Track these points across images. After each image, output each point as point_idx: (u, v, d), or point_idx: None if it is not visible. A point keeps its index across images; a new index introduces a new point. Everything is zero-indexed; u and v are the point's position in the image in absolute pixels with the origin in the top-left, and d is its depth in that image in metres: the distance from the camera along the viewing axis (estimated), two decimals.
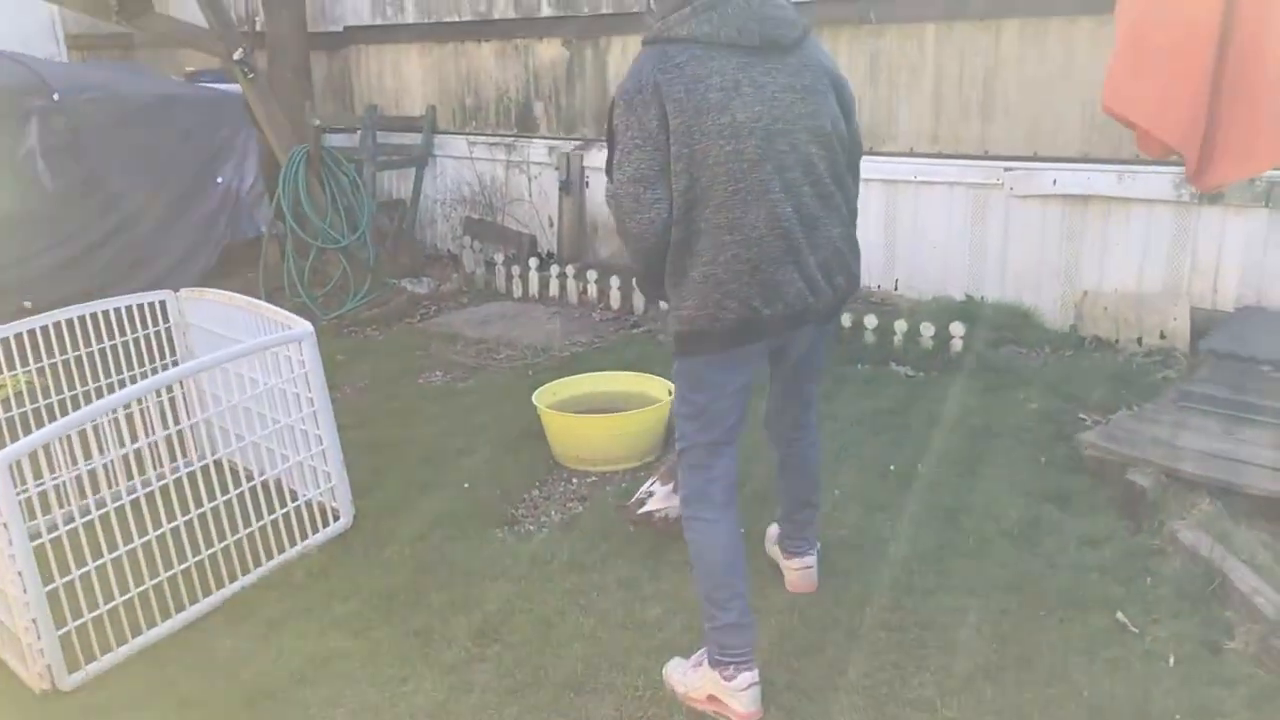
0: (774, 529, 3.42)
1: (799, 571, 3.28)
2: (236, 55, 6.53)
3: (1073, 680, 2.77)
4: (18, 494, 2.94)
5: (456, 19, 8.06)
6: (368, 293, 6.87)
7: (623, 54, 7.23)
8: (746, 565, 2.81)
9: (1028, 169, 5.66)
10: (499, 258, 7.30)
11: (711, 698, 2.78)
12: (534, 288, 7.06)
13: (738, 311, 2.60)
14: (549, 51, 7.67)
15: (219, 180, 7.50)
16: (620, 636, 3.10)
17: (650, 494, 3.64)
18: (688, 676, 2.87)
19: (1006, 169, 5.72)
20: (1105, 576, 3.23)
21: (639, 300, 6.46)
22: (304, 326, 3.68)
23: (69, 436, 3.23)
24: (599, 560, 3.52)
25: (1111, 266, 5.52)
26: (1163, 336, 5.30)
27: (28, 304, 6.22)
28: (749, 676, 2.74)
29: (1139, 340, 5.36)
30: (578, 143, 7.63)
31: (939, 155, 5.96)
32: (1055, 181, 5.55)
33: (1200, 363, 4.48)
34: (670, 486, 3.55)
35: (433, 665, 3.03)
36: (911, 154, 6.04)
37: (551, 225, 7.86)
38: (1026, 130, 5.66)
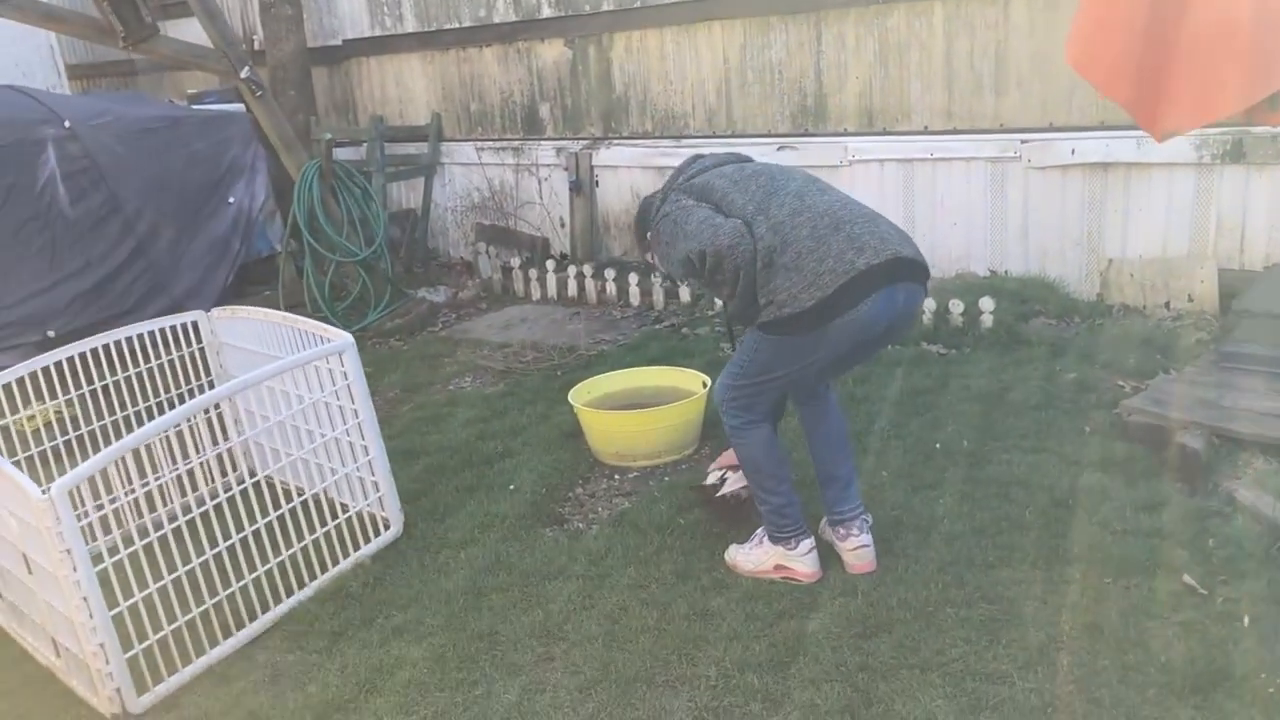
0: (824, 521, 3.43)
1: (854, 551, 3.29)
2: (244, 73, 6.51)
3: (1148, 646, 2.76)
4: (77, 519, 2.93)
5: (457, 25, 8.06)
6: (388, 304, 6.86)
7: (626, 50, 7.23)
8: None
9: (1045, 140, 5.65)
10: (515, 261, 7.30)
11: (779, 566, 3.29)
12: (552, 289, 7.05)
13: (835, 270, 2.89)
14: (551, 52, 7.66)
15: (230, 200, 7.50)
16: (686, 628, 3.10)
17: (724, 478, 3.68)
18: (752, 555, 3.35)
19: (1023, 141, 5.72)
20: (1166, 541, 3.22)
21: (659, 296, 6.46)
22: (344, 337, 3.67)
23: (119, 461, 3.22)
24: (654, 554, 3.52)
25: (1135, 233, 5.51)
26: (1190, 300, 5.29)
27: (51, 334, 6.25)
28: (809, 542, 3.27)
29: (1167, 305, 5.35)
30: (585, 142, 7.63)
31: (954, 131, 5.96)
32: (1074, 151, 5.55)
33: (1236, 323, 4.46)
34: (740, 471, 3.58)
35: (501, 667, 3.03)
36: (926, 132, 6.03)
37: (563, 226, 7.86)
38: (1041, 101, 5.66)
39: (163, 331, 4.30)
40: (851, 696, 2.72)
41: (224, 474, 4.07)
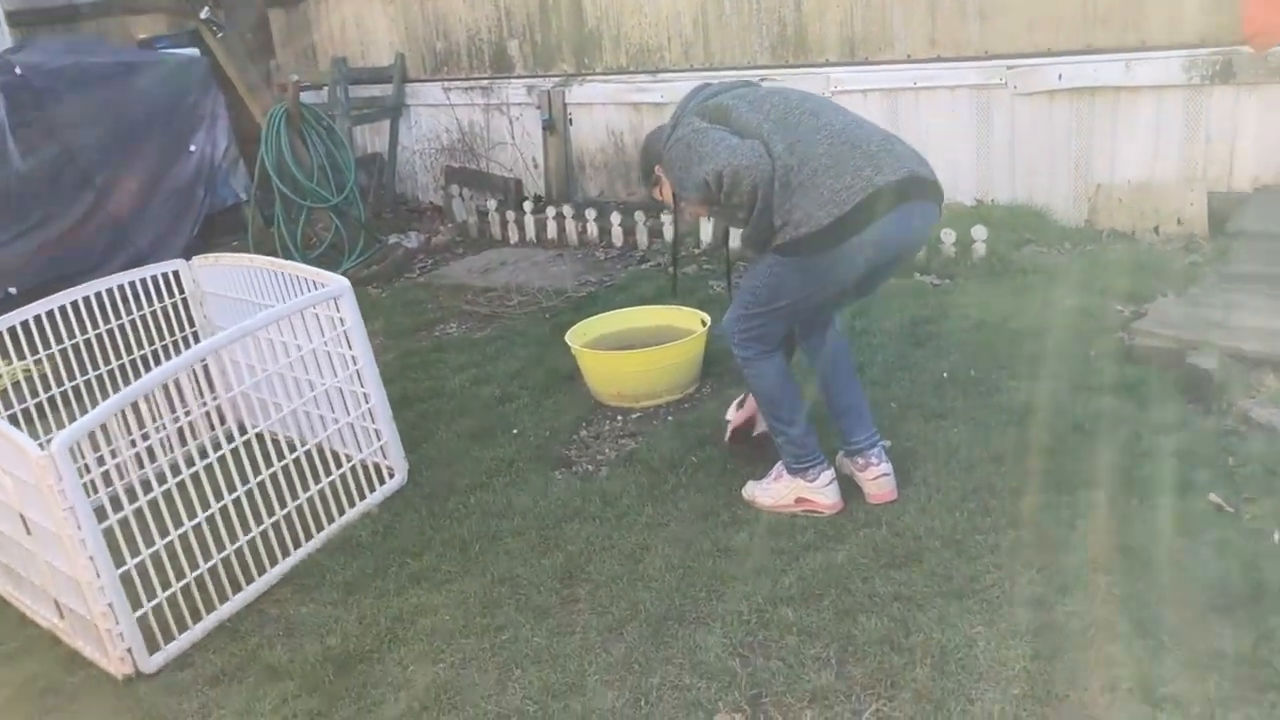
0: (839, 454, 3.38)
1: (875, 481, 3.25)
2: (203, 13, 6.28)
3: (1183, 566, 2.75)
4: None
5: None
6: (362, 251, 6.70)
7: None
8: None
9: (1031, 66, 5.59)
10: (491, 204, 7.15)
11: (800, 499, 3.24)
12: (531, 232, 6.92)
13: (852, 187, 2.83)
14: None
15: (192, 148, 7.27)
16: (711, 565, 3.05)
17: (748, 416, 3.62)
18: (771, 489, 3.30)
19: (1009, 67, 5.65)
20: (1186, 461, 3.21)
21: (643, 236, 6.35)
22: (340, 281, 3.55)
23: (117, 415, 3.09)
24: (670, 492, 3.46)
25: (1123, 157, 5.48)
26: (1180, 223, 5.28)
27: (12, 290, 6.04)
28: (829, 474, 3.24)
29: (1156, 229, 5.35)
30: (558, 79, 7.46)
31: (938, 60, 5.87)
32: (1060, 76, 5.49)
33: (1233, 244, 4.45)
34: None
35: (526, 611, 2.96)
36: (910, 60, 5.94)
37: (536, 167, 7.71)
38: (1027, 26, 5.58)
39: (142, 283, 4.14)
40: (889, 627, 2.69)
41: (212, 428, 3.95)
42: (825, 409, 3.36)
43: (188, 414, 3.87)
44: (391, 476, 3.74)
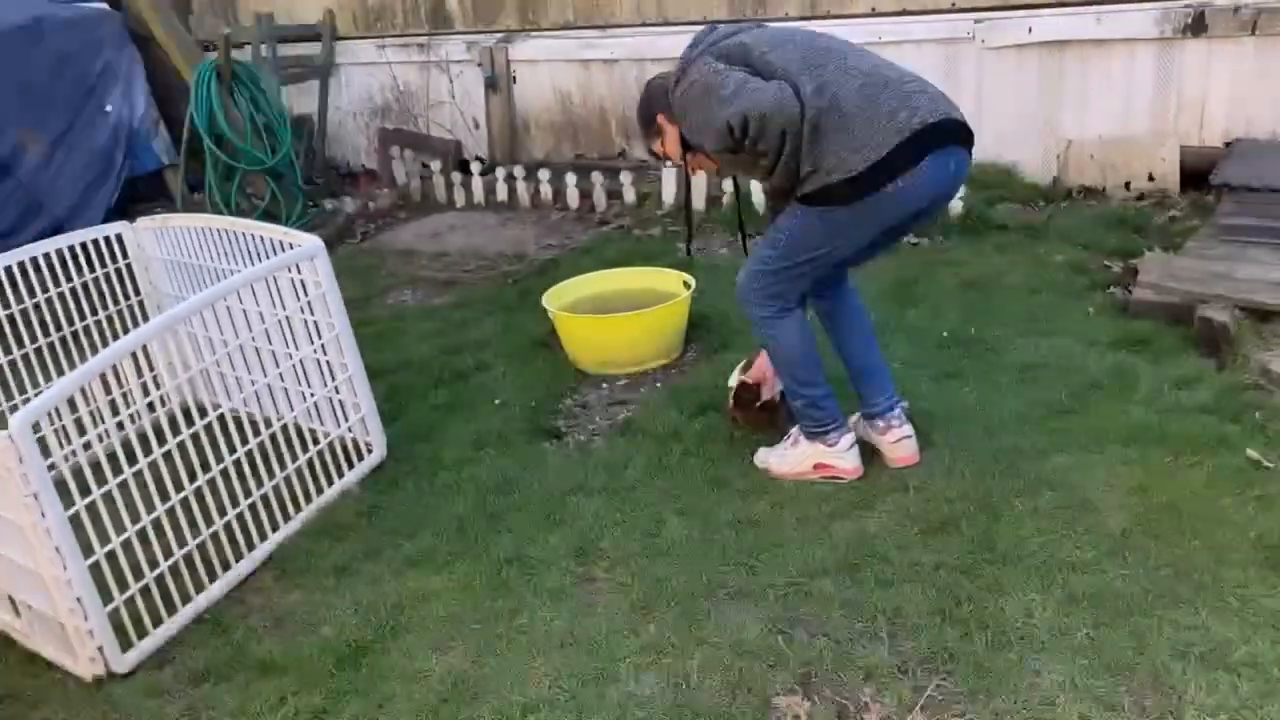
0: (854, 418, 3.21)
1: (897, 444, 3.10)
2: None
3: (1233, 523, 2.65)
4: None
5: None
6: (300, 216, 6.34)
7: None
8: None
9: (1000, 19, 5.48)
10: (436, 166, 6.83)
11: (819, 465, 3.09)
12: (479, 194, 6.63)
13: (888, 129, 2.64)
14: None
15: (108, 109, 6.78)
16: (735, 537, 2.86)
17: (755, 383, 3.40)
18: (789, 455, 3.14)
19: (977, 21, 5.53)
20: (1213, 416, 3.12)
21: (600, 197, 6.11)
22: (313, 240, 3.26)
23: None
24: (678, 462, 3.27)
25: (1094, 113, 5.41)
26: (1152, 179, 5.24)
27: None
28: (849, 438, 3.08)
29: (1127, 185, 5.30)
30: (500, 35, 7.14)
31: (904, 13, 5.73)
32: (1030, 29, 5.39)
33: (1221, 197, 4.39)
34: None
35: (541, 592, 2.74)
36: (874, 14, 5.79)
37: (478, 127, 7.40)
38: None
39: (82, 247, 3.78)
40: (937, 597, 2.54)
41: (159, 405, 3.62)
42: (842, 370, 3.19)
43: (156, 391, 3.53)
44: (370, 452, 3.48)
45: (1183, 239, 4.34)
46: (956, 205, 5.00)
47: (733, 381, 3.44)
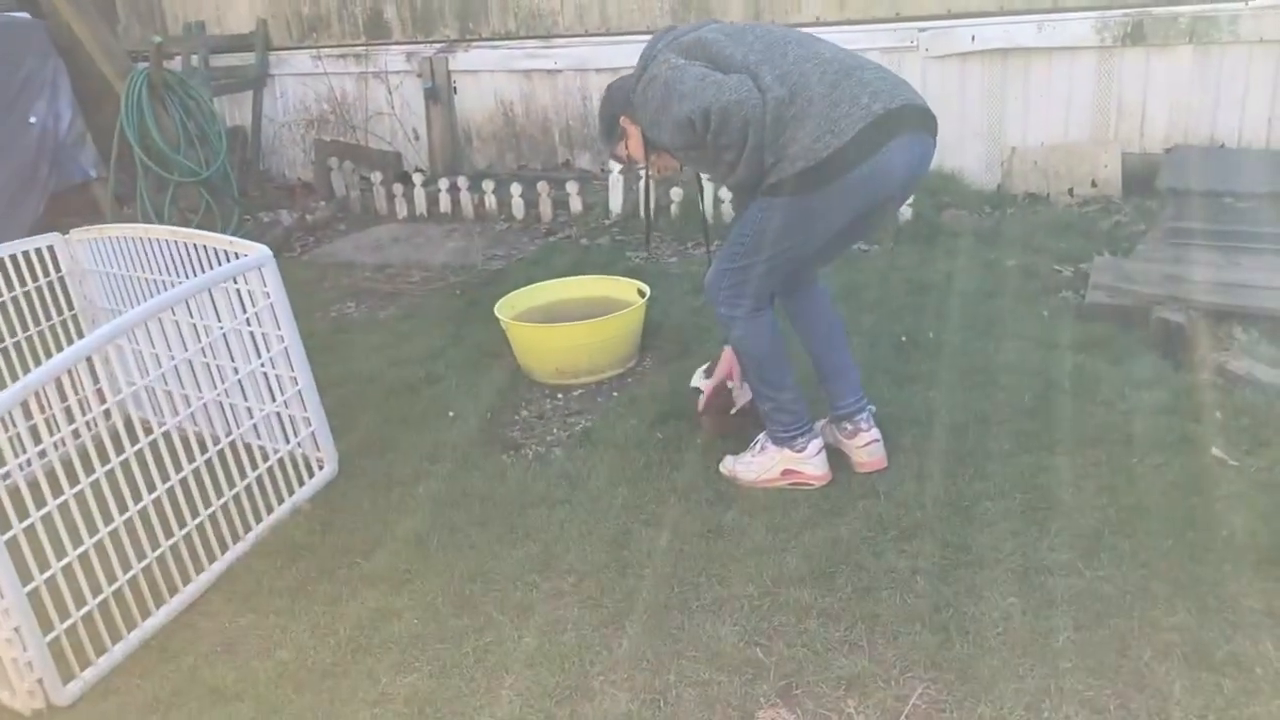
0: (821, 423, 3.17)
1: (865, 448, 3.06)
2: None
3: (1203, 522, 2.65)
4: None
5: None
6: (237, 228, 6.16)
7: None
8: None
9: (943, 28, 5.53)
10: (377, 177, 6.69)
11: (787, 471, 3.02)
12: (421, 205, 6.50)
13: (850, 115, 2.60)
14: None
15: (32, 120, 6.54)
16: (705, 547, 2.80)
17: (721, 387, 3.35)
18: (755, 463, 3.06)
19: (921, 30, 5.57)
20: (1175, 416, 3.14)
21: (546, 208, 6.03)
22: (260, 249, 3.14)
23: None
24: (641, 472, 3.19)
25: (1037, 120, 5.47)
26: (1094, 185, 5.30)
27: None
28: (817, 442, 3.03)
29: (1070, 191, 5.36)
30: (441, 45, 7.04)
31: (848, 22, 5.76)
32: (974, 38, 5.44)
33: (1165, 202, 4.45)
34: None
35: (507, 609, 2.65)
36: (818, 23, 5.81)
37: (418, 139, 7.29)
38: None
39: (12, 259, 3.61)
40: (915, 603, 2.50)
41: (93, 426, 3.46)
42: (809, 372, 3.15)
43: (98, 407, 3.37)
44: (321, 468, 3.35)
45: (1130, 243, 4.39)
46: (905, 211, 5.01)
47: (696, 382, 3.38)
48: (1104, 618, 2.38)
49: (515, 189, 6.10)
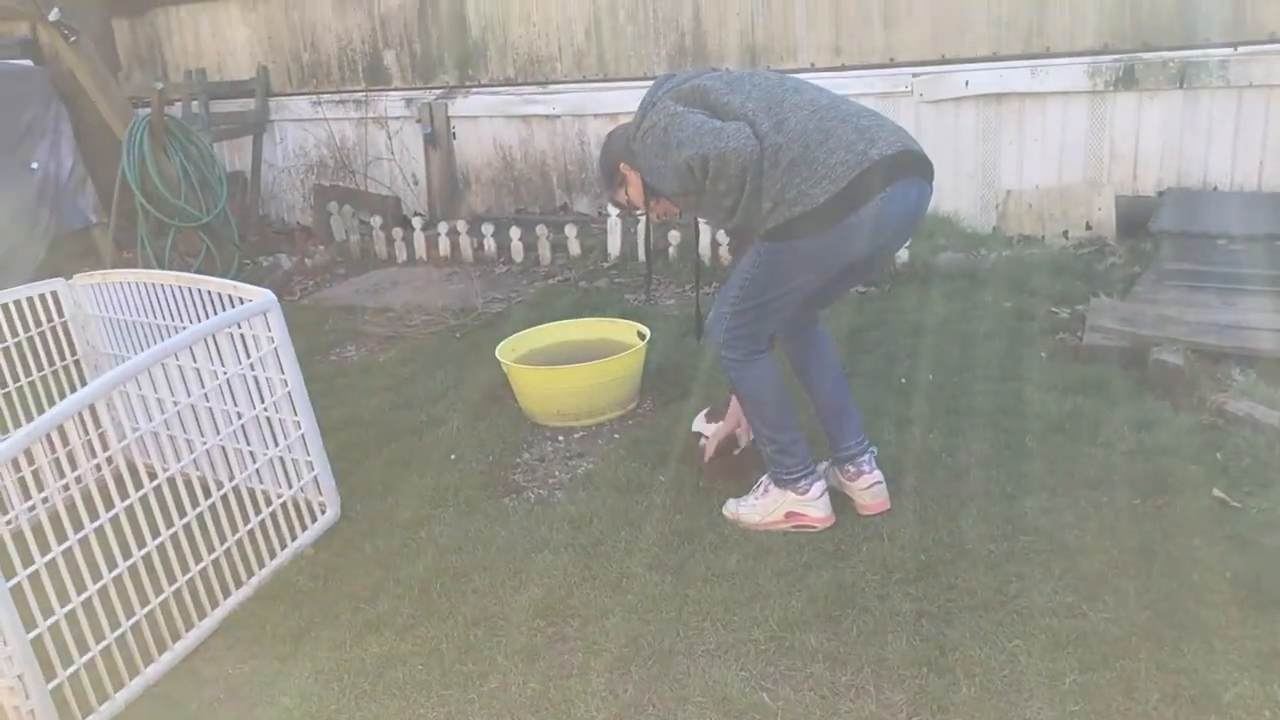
0: (823, 465, 3.18)
1: (868, 490, 3.07)
2: (52, 15, 5.69)
3: (1207, 564, 2.65)
4: None
5: None
6: (236, 272, 6.18)
7: None
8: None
9: (937, 73, 5.59)
10: (376, 221, 6.73)
11: (791, 514, 3.02)
12: (420, 249, 6.54)
13: (847, 161, 2.63)
14: None
15: (34, 166, 6.59)
16: (709, 591, 2.79)
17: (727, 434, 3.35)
18: (758, 505, 3.07)
19: (915, 75, 5.64)
20: (1176, 458, 3.15)
21: (545, 251, 6.07)
22: (265, 294, 3.16)
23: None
24: (643, 515, 3.19)
25: (1031, 163, 5.53)
26: (1089, 228, 5.35)
27: None
28: (820, 484, 3.03)
29: (1065, 234, 5.40)
30: (440, 91, 7.12)
31: (843, 68, 5.83)
32: (967, 83, 5.51)
33: (1159, 244, 4.49)
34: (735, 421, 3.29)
35: (511, 654, 2.64)
36: (813, 69, 5.88)
37: (417, 183, 7.34)
38: (933, 33, 5.59)
39: (16, 305, 3.63)
40: (921, 646, 2.49)
41: (89, 474, 3.46)
42: (811, 414, 3.16)
43: (103, 452, 3.37)
44: (324, 512, 3.35)
45: (1126, 285, 4.43)
46: (902, 254, 5.04)
47: (697, 427, 3.39)
48: (1110, 660, 2.38)
49: (514, 232, 6.13)
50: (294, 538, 3.22)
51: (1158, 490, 3.00)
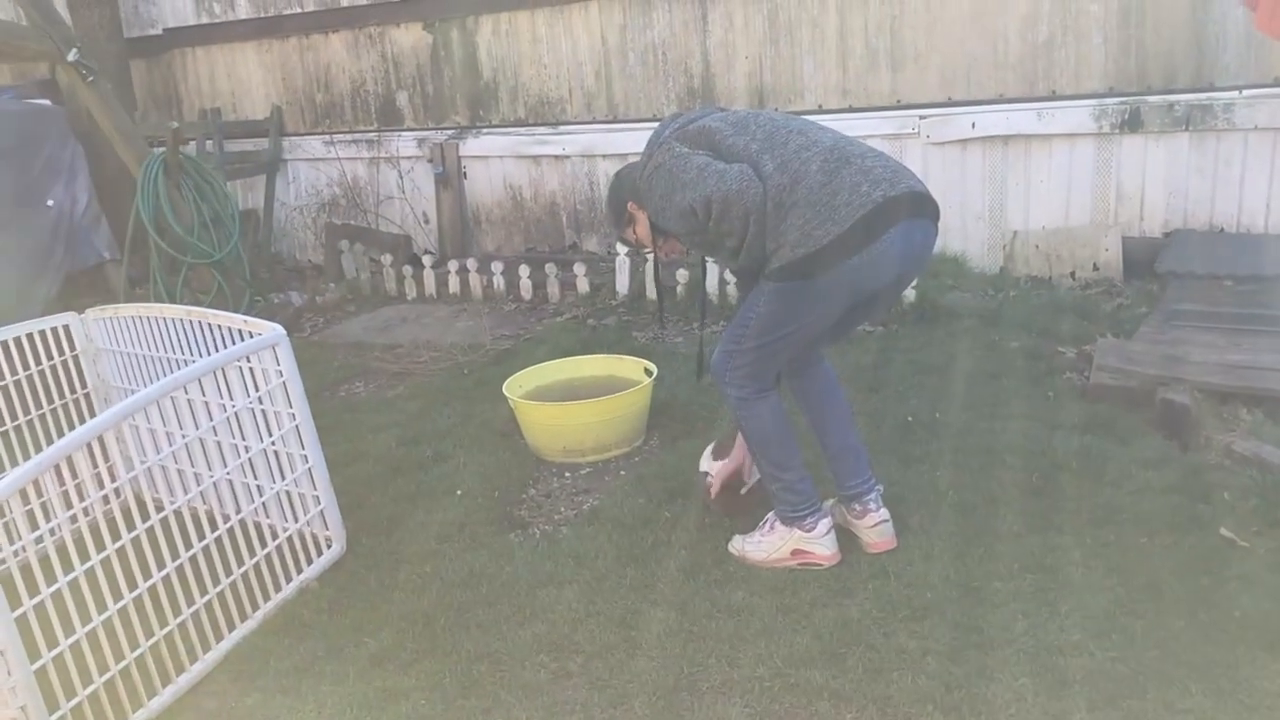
0: (829, 502, 3.17)
1: (875, 528, 3.06)
2: (71, 56, 5.77)
3: (1216, 603, 2.64)
4: None
5: (299, 10, 7.47)
6: (248, 309, 6.22)
7: (494, 33, 6.84)
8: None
9: (943, 115, 5.64)
10: (387, 259, 6.78)
11: (796, 552, 3.01)
12: (430, 287, 6.58)
13: (851, 202, 2.66)
14: (409, 37, 7.20)
15: (49, 203, 6.66)
16: (714, 627, 2.78)
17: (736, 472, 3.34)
18: (764, 543, 3.06)
19: (921, 117, 5.69)
20: (1183, 497, 3.14)
21: (554, 289, 6.10)
22: (274, 328, 3.18)
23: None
24: (649, 551, 3.19)
25: (1037, 204, 5.55)
26: (1096, 269, 5.36)
27: None
28: (826, 522, 3.02)
29: (1072, 274, 5.41)
30: (451, 131, 7.19)
31: (850, 110, 5.88)
32: (974, 124, 5.55)
33: (1165, 284, 4.50)
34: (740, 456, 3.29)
35: (514, 689, 2.63)
36: (820, 110, 5.93)
37: (428, 222, 7.40)
38: (939, 75, 5.64)
39: (29, 338, 3.66)
40: (926, 684, 2.47)
41: (96, 506, 3.47)
42: (818, 454, 3.16)
43: (110, 484, 3.39)
44: (329, 546, 3.35)
45: (1133, 325, 4.43)
46: (909, 293, 5.06)
47: (704, 466, 3.39)
48: (1118, 699, 2.36)
49: (523, 270, 6.17)
50: (299, 571, 3.22)
51: (1165, 529, 2.98)
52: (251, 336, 3.19)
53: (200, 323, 3.45)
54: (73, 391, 3.77)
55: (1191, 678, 2.40)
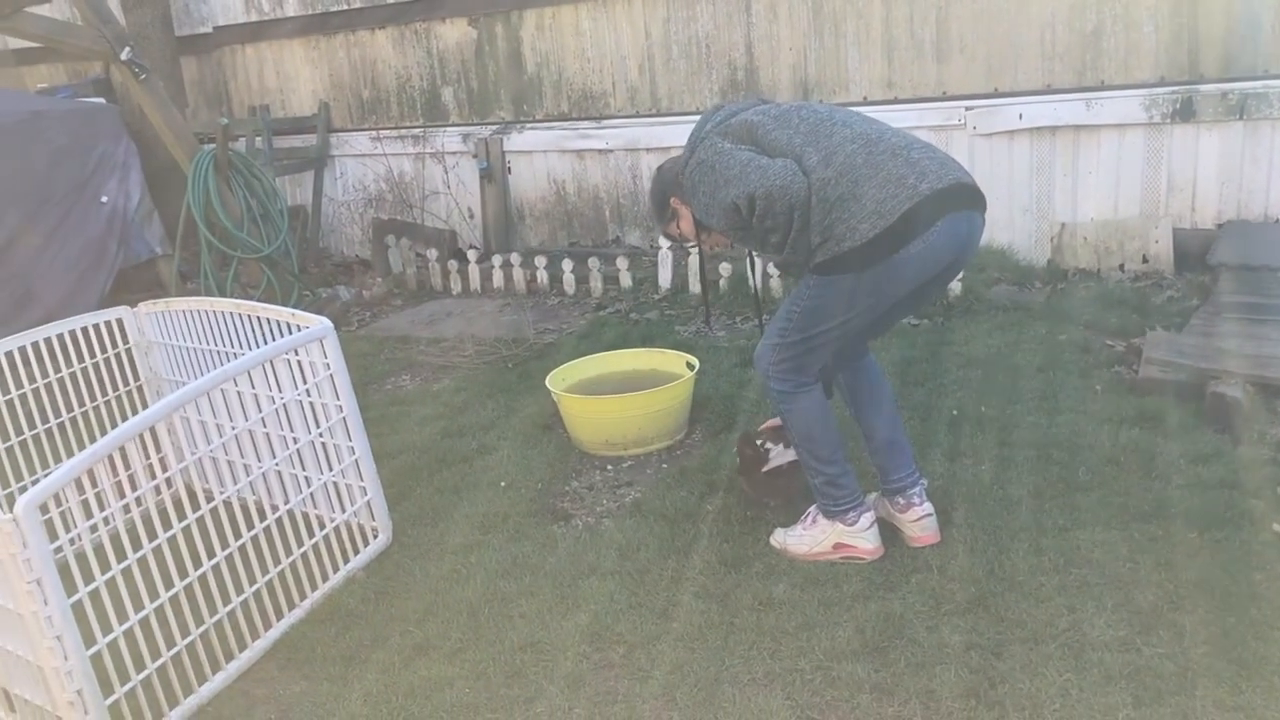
0: (873, 496, 3.16)
1: (918, 522, 3.04)
2: (124, 54, 5.87)
3: (1268, 600, 2.60)
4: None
5: (345, 7, 7.54)
6: (296, 303, 6.30)
7: (538, 28, 6.86)
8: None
9: (990, 106, 5.58)
10: (432, 254, 6.83)
11: (839, 545, 3.01)
12: (475, 281, 6.62)
13: (897, 195, 2.63)
14: (454, 32, 7.24)
15: (103, 199, 6.78)
16: (756, 620, 2.79)
17: (766, 446, 3.34)
18: (806, 536, 3.06)
19: (968, 108, 5.63)
20: (1233, 491, 3.09)
21: (597, 283, 6.12)
22: (322, 322, 3.23)
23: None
24: (690, 543, 3.20)
25: (1086, 196, 5.48)
26: (1145, 260, 5.28)
27: None
28: (869, 516, 3.02)
29: (1121, 267, 5.34)
30: (495, 126, 7.23)
31: (895, 101, 5.83)
32: (1021, 115, 5.48)
33: (1219, 277, 4.43)
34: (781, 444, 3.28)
35: (556, 678, 2.65)
36: (865, 102, 5.89)
37: (472, 217, 7.44)
38: (985, 66, 5.58)
39: (74, 334, 3.73)
40: (969, 679, 2.46)
41: (158, 492, 3.54)
42: (861, 446, 3.15)
43: (162, 474, 3.46)
44: (376, 537, 3.40)
45: (1183, 318, 4.36)
46: (955, 286, 5.02)
47: (769, 445, 3.38)
48: (1165, 696, 2.34)
49: (566, 265, 6.20)
50: (346, 561, 3.27)
51: (1215, 524, 2.94)
52: (300, 330, 3.23)
53: (249, 316, 3.50)
54: (126, 384, 3.84)
55: (1242, 675, 2.36)
